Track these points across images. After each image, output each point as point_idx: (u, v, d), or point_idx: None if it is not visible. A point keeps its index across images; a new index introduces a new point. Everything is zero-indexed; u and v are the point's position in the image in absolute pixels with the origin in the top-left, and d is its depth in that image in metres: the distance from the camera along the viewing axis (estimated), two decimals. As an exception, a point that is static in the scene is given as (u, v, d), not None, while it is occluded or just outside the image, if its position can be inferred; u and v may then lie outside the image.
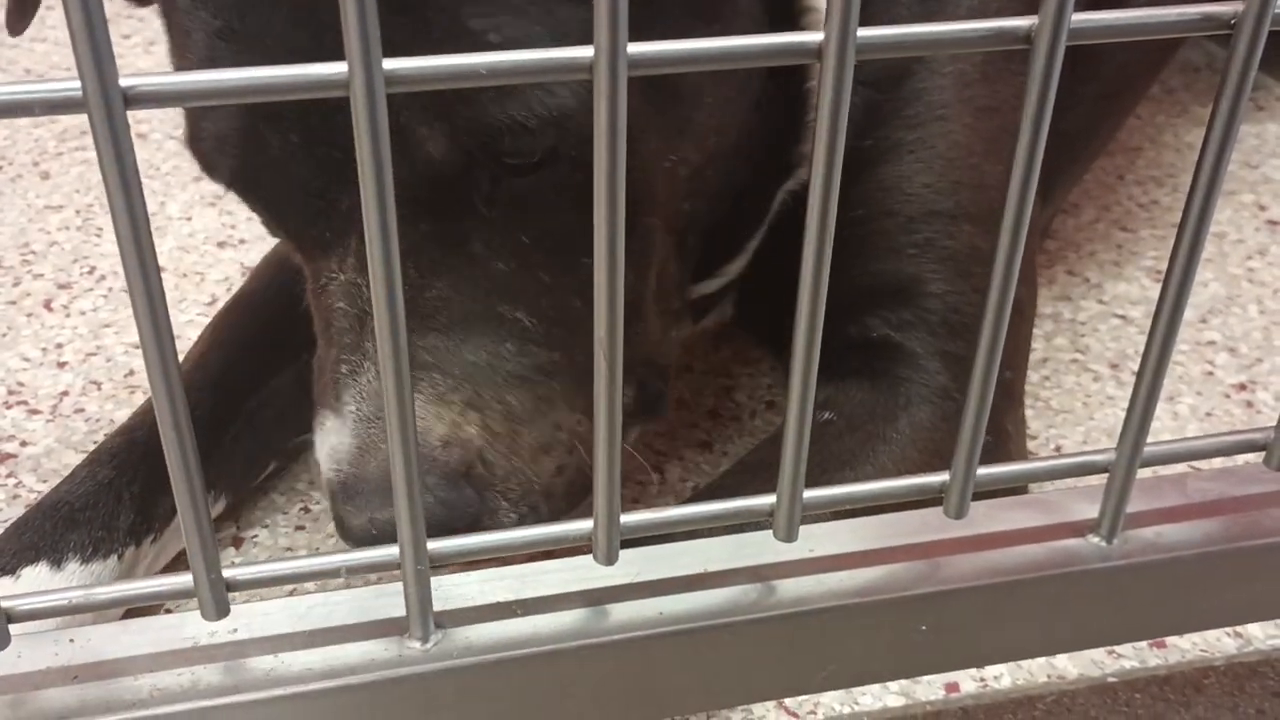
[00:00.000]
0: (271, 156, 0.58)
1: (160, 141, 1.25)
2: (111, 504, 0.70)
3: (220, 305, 0.86)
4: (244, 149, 0.59)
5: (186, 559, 0.44)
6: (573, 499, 0.63)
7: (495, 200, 0.58)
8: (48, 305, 1.00)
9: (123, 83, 0.33)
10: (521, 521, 0.60)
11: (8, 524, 0.70)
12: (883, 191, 0.74)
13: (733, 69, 0.65)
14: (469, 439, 0.58)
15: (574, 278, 0.60)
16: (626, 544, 0.48)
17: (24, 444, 0.85)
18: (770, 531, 0.50)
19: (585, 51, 0.36)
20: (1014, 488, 0.57)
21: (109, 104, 0.33)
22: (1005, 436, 0.73)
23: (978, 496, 0.51)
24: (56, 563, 0.67)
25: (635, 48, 0.36)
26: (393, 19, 0.49)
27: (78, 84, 0.33)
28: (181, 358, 0.67)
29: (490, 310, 0.59)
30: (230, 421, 0.77)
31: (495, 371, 0.59)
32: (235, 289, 0.88)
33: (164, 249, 1.07)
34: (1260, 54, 0.42)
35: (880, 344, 0.74)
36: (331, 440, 0.60)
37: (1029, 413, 0.83)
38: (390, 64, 0.35)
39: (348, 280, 0.59)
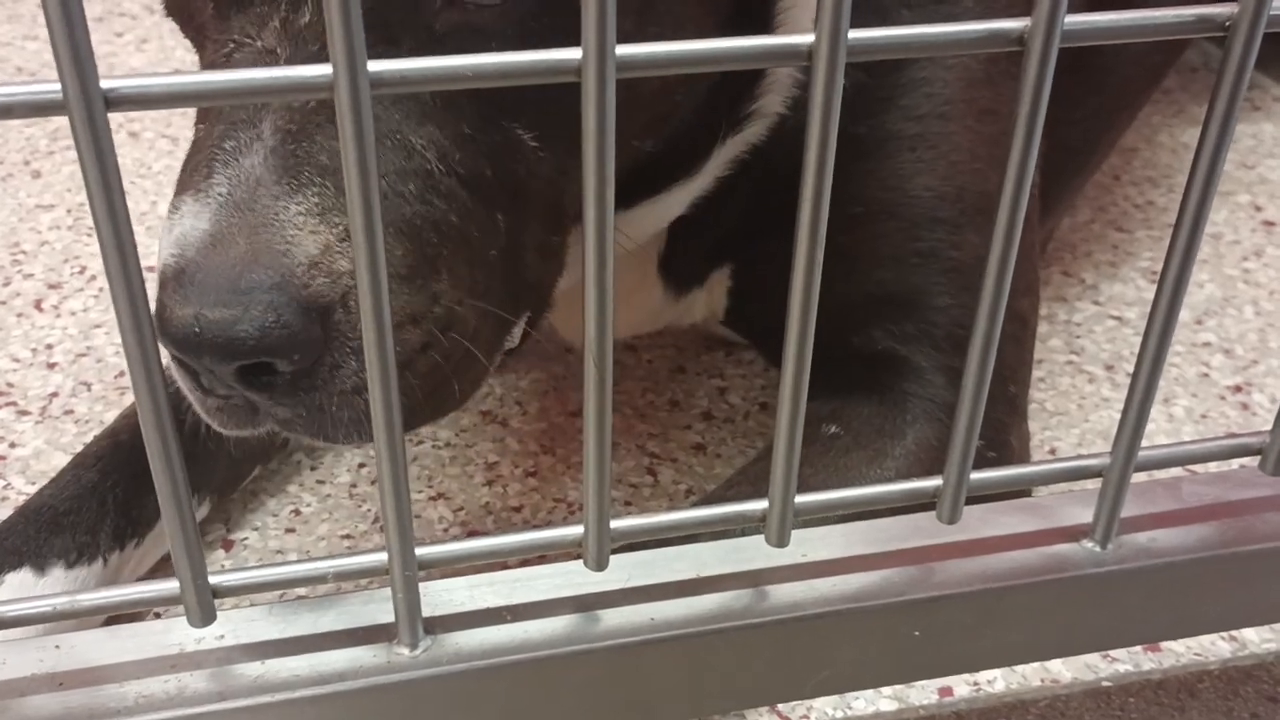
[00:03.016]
0: None
1: (152, 140, 1.25)
2: (96, 508, 0.70)
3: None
4: None
5: (171, 563, 0.44)
6: (431, 387, 0.54)
7: (449, 23, 0.53)
8: (38, 305, 1.00)
9: (104, 85, 0.33)
10: (359, 391, 0.51)
11: (-4, 527, 0.70)
12: (884, 190, 0.72)
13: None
14: (339, 274, 0.50)
15: (493, 137, 0.55)
16: (619, 549, 0.48)
17: (13, 445, 0.85)
18: (763, 537, 0.50)
19: (574, 54, 0.36)
20: (1016, 492, 0.57)
21: (90, 106, 0.33)
22: (1010, 452, 0.73)
23: (975, 501, 0.51)
24: (40, 568, 0.67)
25: (624, 50, 0.36)
26: None
27: (59, 86, 0.33)
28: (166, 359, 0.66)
29: (405, 141, 0.52)
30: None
31: (391, 209, 0.51)
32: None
33: (154, 249, 1.06)
34: (1255, 55, 0.41)
35: (885, 357, 0.73)
36: (184, 224, 0.50)
37: (1024, 415, 0.83)
38: (375, 66, 0.34)
39: (263, 48, 0.52)
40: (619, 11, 0.34)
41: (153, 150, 1.23)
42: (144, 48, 1.44)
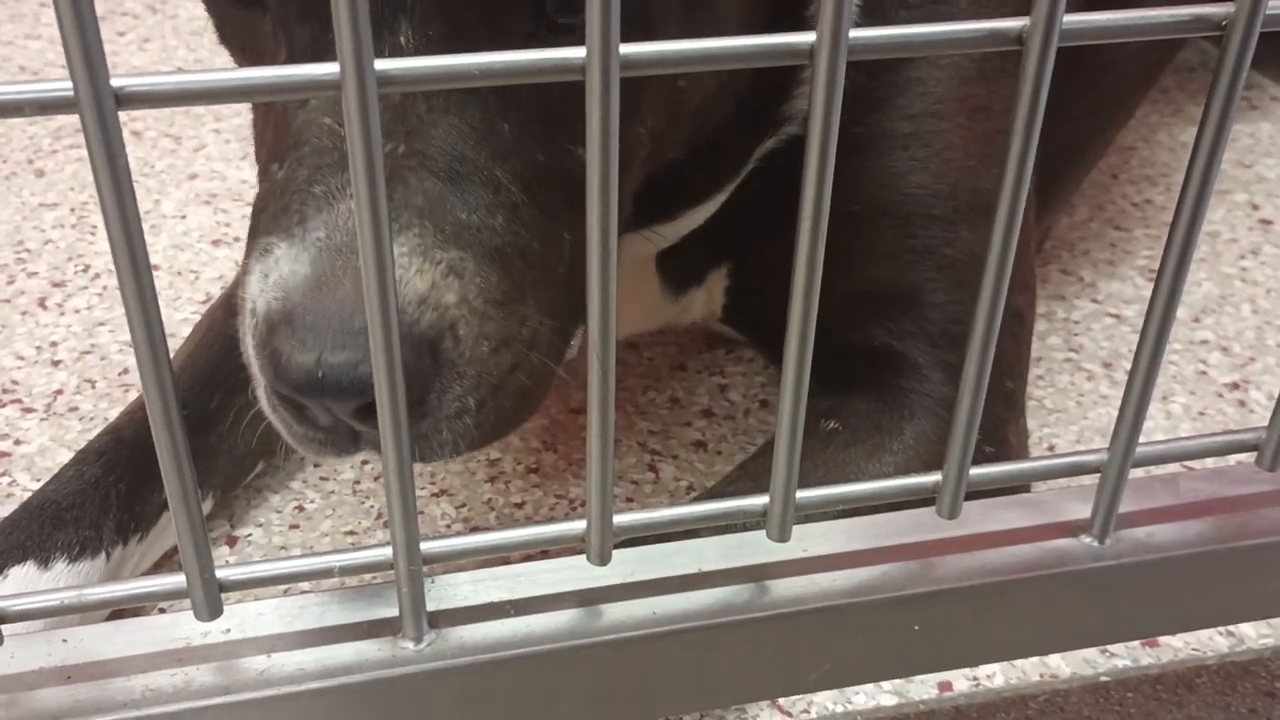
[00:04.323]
0: None
1: (155, 139, 1.25)
2: (98, 503, 0.70)
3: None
4: None
5: (174, 557, 0.44)
6: (520, 405, 0.56)
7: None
8: (42, 303, 1.00)
9: (114, 83, 0.33)
10: (463, 414, 0.54)
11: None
12: (877, 188, 0.73)
13: (741, 20, 0.63)
14: (446, 306, 0.52)
15: (564, 164, 0.57)
16: (621, 544, 0.48)
17: (18, 442, 0.85)
18: (764, 532, 0.50)
19: (578, 53, 0.36)
20: (1015, 488, 0.57)
21: (100, 104, 0.33)
22: (1008, 448, 0.73)
23: (975, 497, 0.51)
24: (44, 562, 0.67)
25: (628, 48, 0.36)
26: None
27: (69, 84, 0.33)
28: (172, 355, 0.66)
29: (490, 173, 0.54)
30: (219, 419, 0.77)
31: (484, 241, 0.53)
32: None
33: (158, 247, 1.07)
34: (1252, 54, 0.42)
35: (882, 353, 0.74)
36: (282, 269, 0.51)
37: (1023, 412, 0.83)
38: (382, 64, 0.35)
39: (330, 126, 0.52)
40: (664, 18, 0.35)
41: (155, 149, 1.23)
42: (146, 47, 1.44)
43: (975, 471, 0.50)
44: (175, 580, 0.45)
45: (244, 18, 0.57)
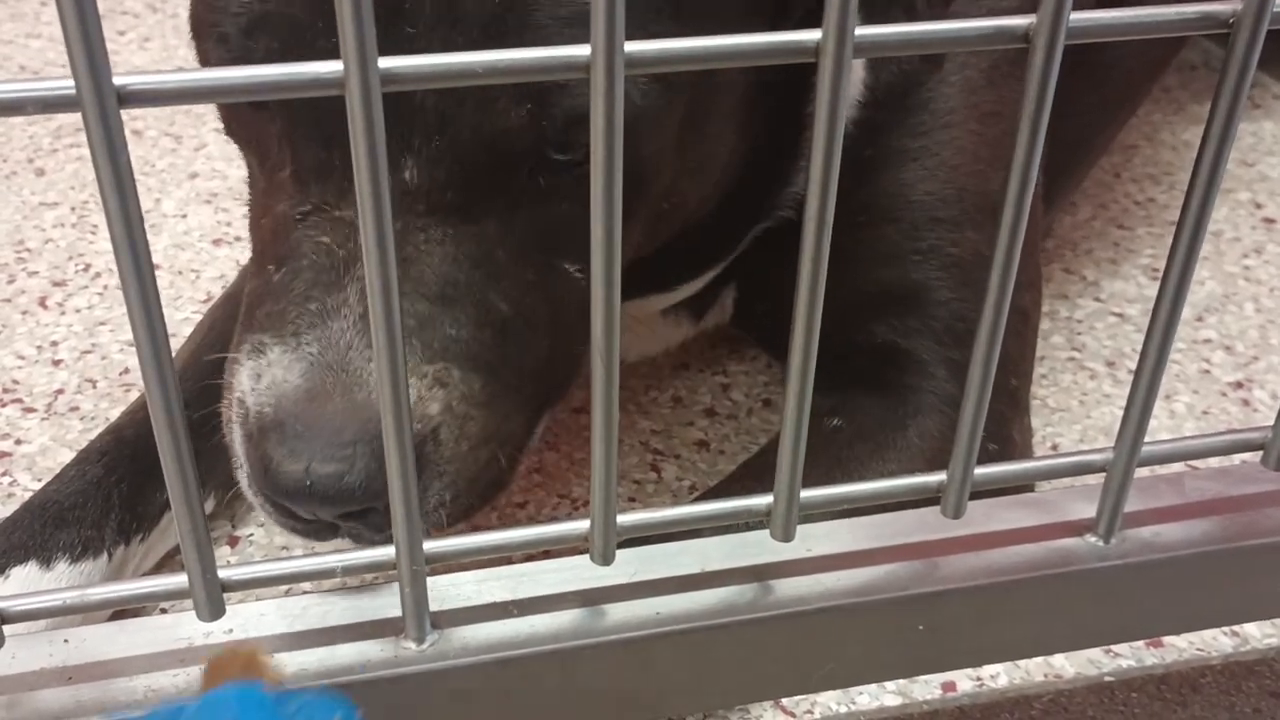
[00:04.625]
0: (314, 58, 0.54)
1: (156, 139, 1.25)
2: (100, 503, 0.70)
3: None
4: (285, 38, 0.54)
5: (176, 558, 0.44)
6: (486, 495, 0.60)
7: (523, 191, 0.57)
8: (43, 303, 1.00)
9: (117, 81, 0.33)
10: (439, 507, 0.57)
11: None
12: (886, 198, 0.74)
13: (740, 124, 0.66)
14: (430, 416, 0.55)
15: (553, 281, 0.60)
16: (623, 544, 0.48)
17: (19, 442, 0.85)
18: (768, 531, 0.50)
19: (583, 50, 0.36)
20: (1019, 487, 0.57)
21: (103, 103, 0.33)
22: (1012, 446, 0.73)
23: (979, 496, 0.51)
24: (46, 562, 0.67)
25: (632, 46, 0.36)
26: None
27: (72, 83, 0.33)
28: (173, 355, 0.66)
29: (483, 295, 0.57)
30: (220, 419, 0.77)
31: (470, 354, 0.57)
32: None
33: (159, 246, 1.07)
34: (1259, 52, 0.42)
35: (887, 351, 0.74)
36: (275, 373, 0.54)
37: (1026, 411, 0.83)
38: (386, 63, 0.35)
39: (341, 216, 0.55)
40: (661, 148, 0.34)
41: (156, 148, 1.23)
42: (146, 46, 1.44)
43: (980, 471, 0.50)
44: (177, 580, 0.45)
45: (251, 116, 0.59)
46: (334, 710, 0.43)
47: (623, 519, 0.47)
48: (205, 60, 0.59)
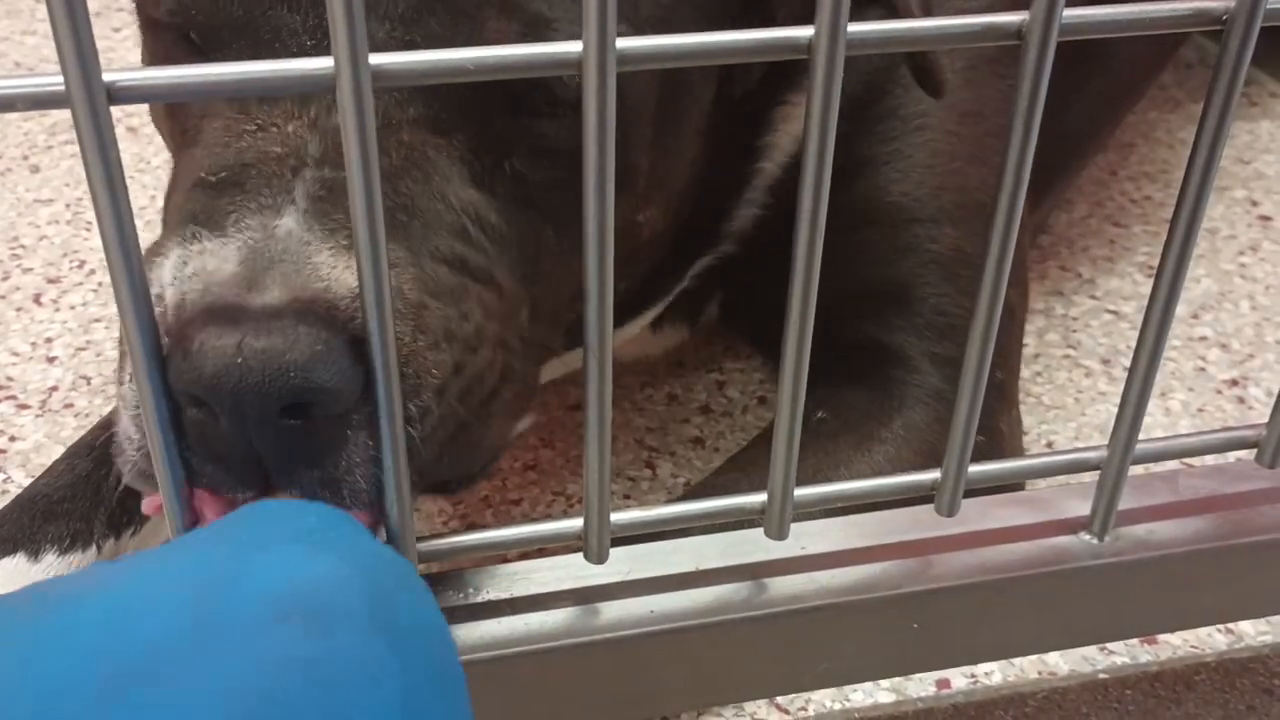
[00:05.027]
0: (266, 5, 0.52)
1: (151, 135, 1.24)
2: (90, 496, 0.70)
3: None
4: None
5: (173, 557, 0.44)
6: (469, 404, 0.53)
7: (513, 132, 0.56)
8: (37, 300, 1.00)
9: (106, 78, 0.33)
10: (406, 423, 0.47)
11: (-5, 520, 0.70)
12: (862, 203, 0.75)
13: (700, 145, 0.66)
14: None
15: (534, 228, 0.58)
16: (618, 542, 0.48)
17: (13, 439, 0.85)
18: (762, 529, 0.50)
19: (574, 46, 0.36)
20: (1010, 485, 0.57)
21: (92, 99, 0.33)
22: (1000, 437, 0.74)
23: (972, 494, 0.51)
24: (34, 554, 0.67)
25: (624, 43, 0.36)
26: None
27: (61, 79, 0.33)
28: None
29: (457, 221, 0.53)
30: None
31: (430, 246, 0.52)
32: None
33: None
34: (1252, 48, 0.42)
35: (871, 346, 0.75)
36: (204, 261, 0.47)
37: (1021, 409, 0.83)
38: (377, 59, 0.35)
39: (293, 132, 0.51)
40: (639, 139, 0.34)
41: (151, 145, 1.23)
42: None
43: (974, 469, 0.50)
44: (169, 578, 0.45)
45: (188, 59, 0.55)
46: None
47: (617, 517, 0.47)
48: (138, 11, 0.58)
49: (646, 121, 0.61)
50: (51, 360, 0.93)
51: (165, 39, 0.58)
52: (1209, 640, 0.70)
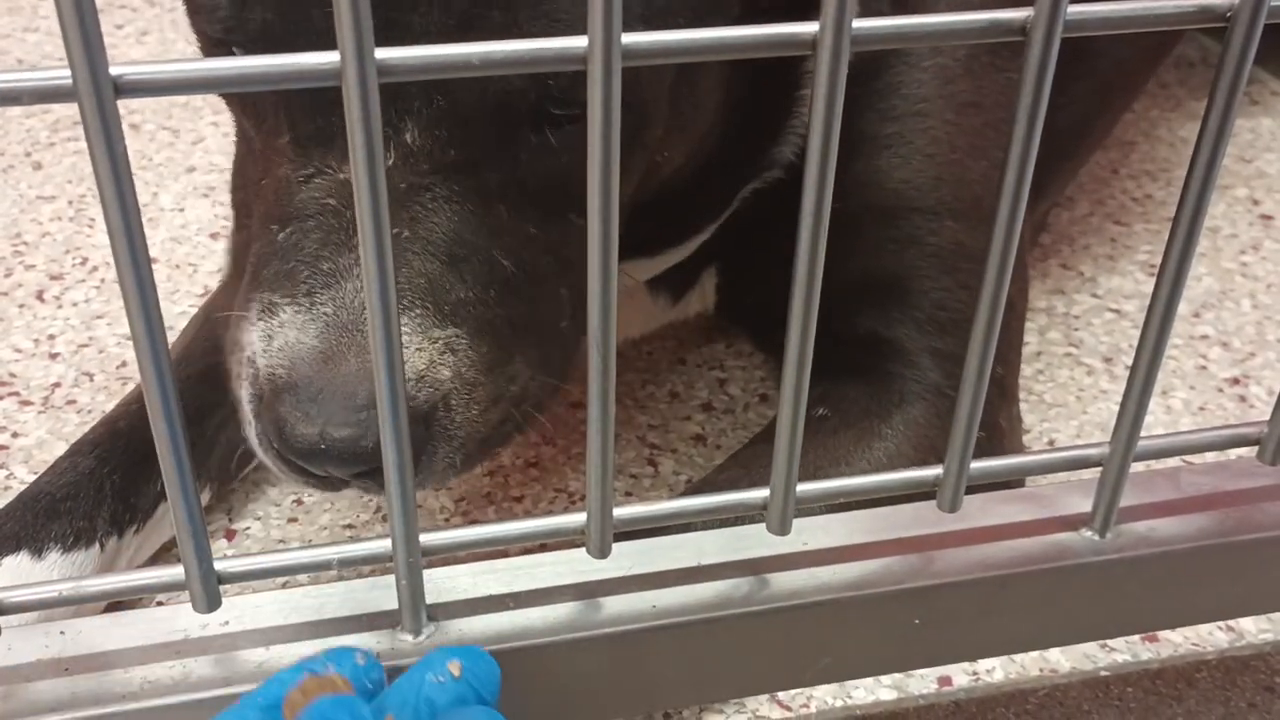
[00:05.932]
0: (309, 28, 0.54)
1: (153, 132, 1.25)
2: (93, 494, 0.70)
3: (213, 297, 0.85)
4: (278, 7, 0.54)
5: (171, 550, 0.44)
6: (500, 446, 0.61)
7: (524, 146, 0.57)
8: (40, 296, 1.00)
9: (113, 72, 0.33)
10: (449, 467, 0.58)
11: (-2, 516, 0.70)
12: (859, 186, 0.74)
13: (727, 72, 0.65)
14: (441, 382, 0.56)
15: (553, 234, 0.60)
16: (619, 537, 0.48)
17: (15, 435, 0.85)
18: (764, 525, 0.50)
19: (580, 42, 0.36)
20: (1011, 481, 0.57)
21: (99, 93, 0.33)
22: (999, 432, 0.74)
23: (972, 490, 0.51)
24: (37, 552, 0.67)
25: (629, 38, 0.36)
26: None
27: (68, 73, 0.33)
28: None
29: (488, 253, 0.57)
30: (215, 411, 0.77)
31: (478, 315, 0.57)
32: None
33: (156, 240, 1.07)
34: (1256, 46, 0.42)
35: (871, 340, 0.74)
36: (288, 335, 0.54)
37: (1023, 407, 0.83)
38: (382, 53, 0.35)
39: (347, 180, 0.55)
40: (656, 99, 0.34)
41: (154, 142, 1.23)
42: (144, 40, 1.44)
43: (976, 465, 0.50)
44: (174, 572, 0.45)
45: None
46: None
47: (619, 512, 0.47)
48: (196, 30, 0.59)
49: (662, 72, 0.60)
50: (54, 357, 0.93)
51: (218, 55, 0.58)
52: (1210, 637, 0.70)
